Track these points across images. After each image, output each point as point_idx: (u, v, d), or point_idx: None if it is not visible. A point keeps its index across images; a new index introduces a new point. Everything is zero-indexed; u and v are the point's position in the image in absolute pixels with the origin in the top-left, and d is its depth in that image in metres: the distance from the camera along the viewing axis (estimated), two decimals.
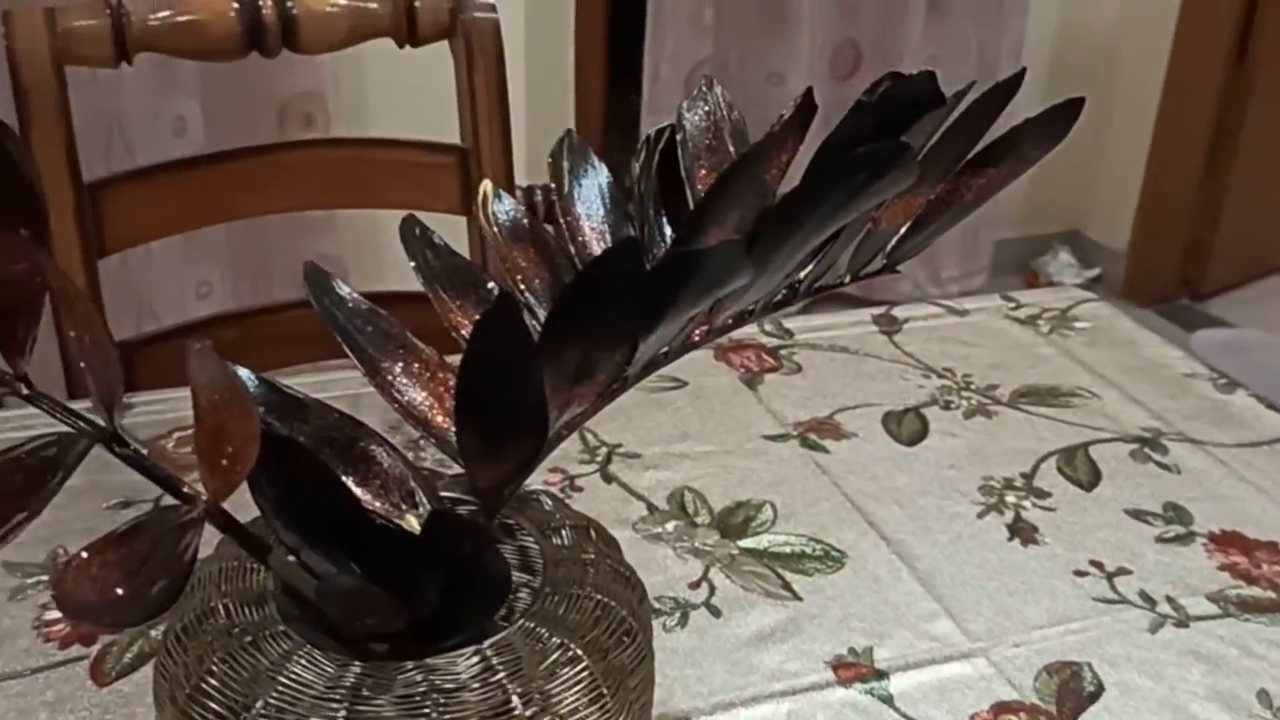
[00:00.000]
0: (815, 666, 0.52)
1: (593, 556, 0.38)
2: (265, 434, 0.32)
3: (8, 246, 0.33)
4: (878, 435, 0.70)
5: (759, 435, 0.70)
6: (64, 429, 0.34)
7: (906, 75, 0.37)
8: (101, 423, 0.34)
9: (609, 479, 0.65)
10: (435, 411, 0.38)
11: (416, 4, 0.76)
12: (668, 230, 0.43)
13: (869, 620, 0.55)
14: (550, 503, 0.41)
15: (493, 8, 0.78)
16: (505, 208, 0.43)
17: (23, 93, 0.69)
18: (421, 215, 0.83)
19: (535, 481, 0.48)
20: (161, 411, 0.70)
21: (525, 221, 0.43)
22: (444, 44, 0.78)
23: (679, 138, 0.44)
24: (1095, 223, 2.47)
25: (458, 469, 0.41)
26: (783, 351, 0.79)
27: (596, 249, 0.42)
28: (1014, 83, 0.38)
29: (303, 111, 1.57)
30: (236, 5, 0.73)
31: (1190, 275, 2.38)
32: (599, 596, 0.36)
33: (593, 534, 0.40)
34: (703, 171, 0.44)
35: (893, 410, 0.73)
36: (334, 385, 0.70)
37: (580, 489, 0.64)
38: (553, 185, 0.81)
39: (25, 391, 0.34)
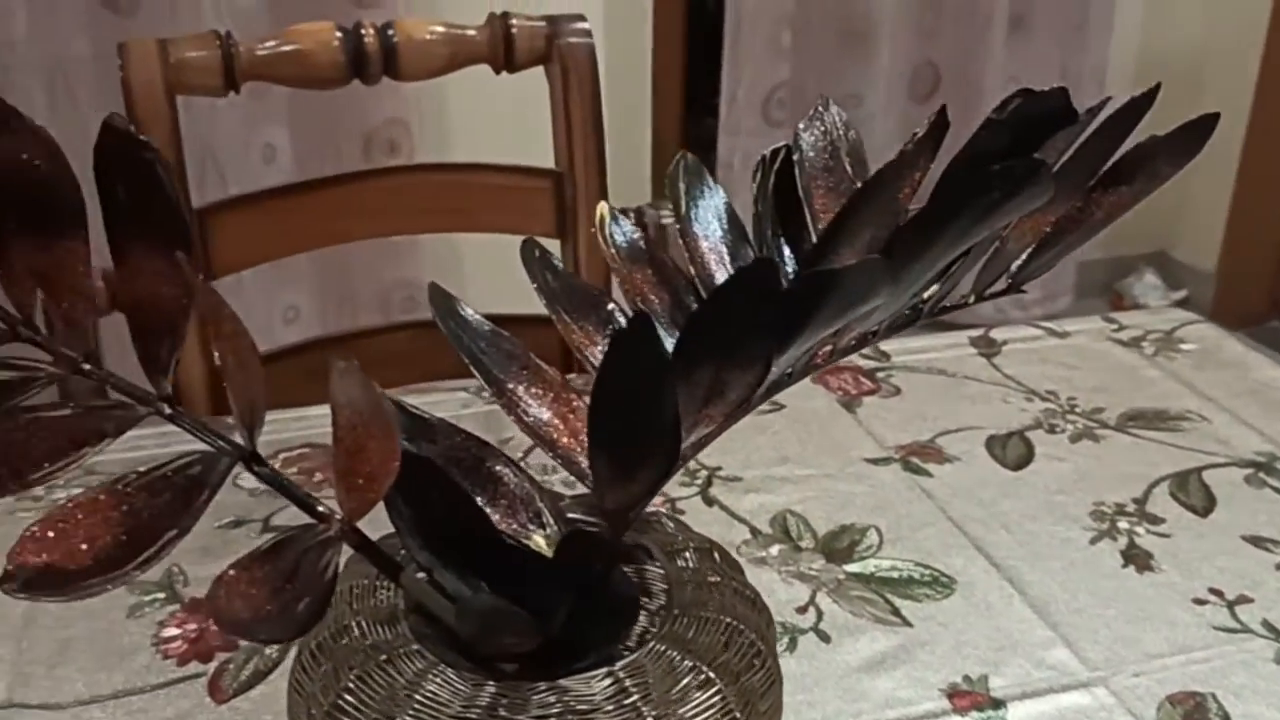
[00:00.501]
0: (929, 694, 0.51)
1: (717, 579, 0.38)
2: (402, 454, 0.32)
3: (159, 268, 0.33)
4: (981, 459, 0.69)
5: (860, 458, 0.69)
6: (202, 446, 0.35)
7: (1038, 92, 0.37)
8: (241, 442, 0.34)
9: (710, 502, 0.65)
10: (560, 431, 0.38)
11: (514, 30, 0.77)
12: (786, 250, 0.43)
13: (982, 648, 0.54)
14: (671, 524, 0.41)
15: (588, 33, 0.78)
16: (623, 229, 0.43)
17: (137, 122, 0.71)
18: (517, 239, 0.84)
19: None
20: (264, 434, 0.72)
21: (642, 243, 0.43)
22: (526, 70, 0.79)
23: (795, 158, 0.44)
24: (1182, 244, 2.42)
25: (581, 490, 0.41)
26: (880, 374, 0.78)
27: (715, 270, 0.42)
28: (1147, 99, 0.38)
29: (388, 139, 1.60)
30: (340, 34, 0.74)
31: None
32: (727, 619, 0.36)
33: (715, 556, 0.40)
34: (820, 191, 0.43)
35: (996, 434, 0.71)
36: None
37: (682, 511, 0.64)
38: (646, 208, 0.81)
39: (168, 411, 0.35)
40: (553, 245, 0.84)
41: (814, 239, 0.42)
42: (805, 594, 0.57)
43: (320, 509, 0.35)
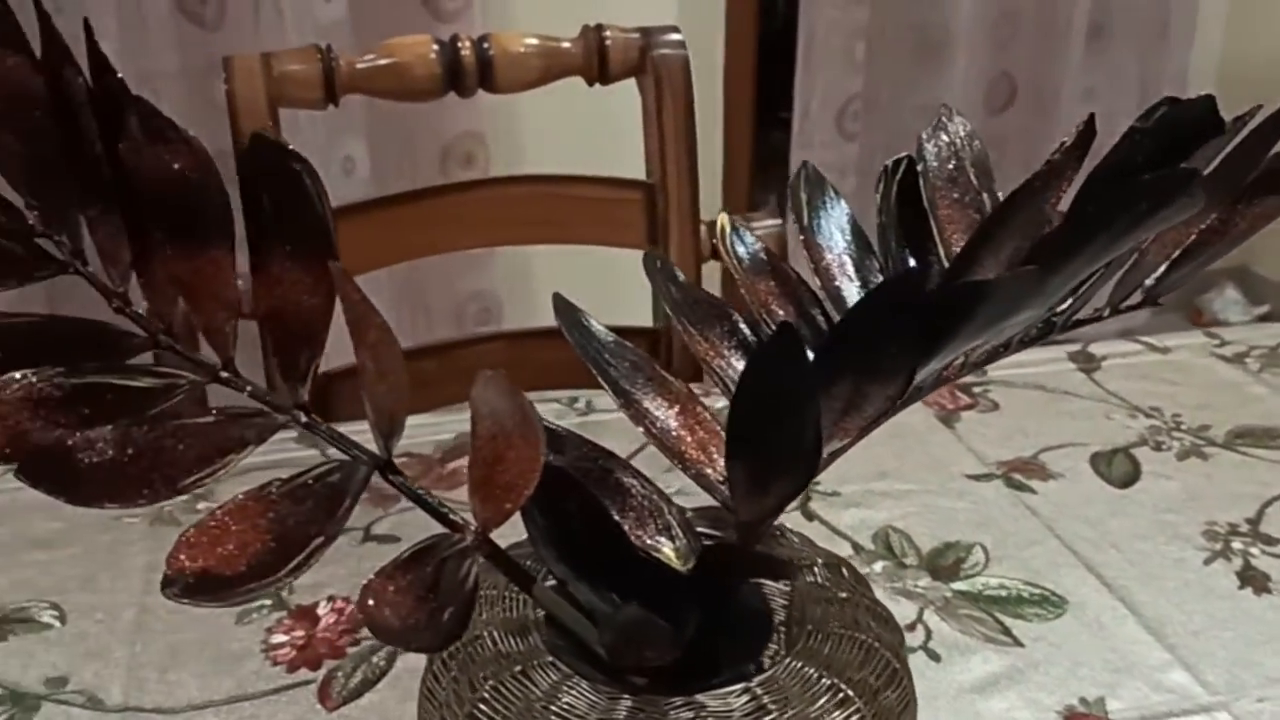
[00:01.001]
0: (1046, 716, 0.50)
1: (847, 595, 0.38)
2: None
3: (300, 277, 0.34)
4: (1086, 476, 0.68)
5: (960, 474, 0.68)
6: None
7: (1184, 100, 0.36)
8: (377, 451, 0.34)
9: (810, 516, 0.64)
10: (687, 443, 0.38)
11: (608, 42, 0.77)
12: (911, 261, 0.42)
13: (1097, 669, 0.53)
14: (797, 539, 0.40)
15: (682, 44, 0.78)
16: (745, 241, 0.43)
17: (240, 135, 0.72)
18: (607, 250, 0.84)
19: None
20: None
21: (764, 255, 0.43)
22: (603, 82, 0.78)
23: (919, 168, 0.43)
24: (1264, 258, 2.37)
25: (701, 502, 0.41)
26: (977, 389, 0.77)
27: (841, 281, 0.42)
28: None
29: (464, 151, 1.61)
30: (436, 48, 0.75)
31: None
32: (862, 636, 0.36)
33: (844, 571, 0.39)
34: (945, 203, 0.43)
35: (1101, 451, 0.70)
36: None
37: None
38: (739, 219, 0.80)
39: (304, 419, 0.35)
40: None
41: (940, 251, 0.42)
42: (912, 611, 0.56)
43: (454, 518, 0.34)
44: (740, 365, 0.39)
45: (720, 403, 0.38)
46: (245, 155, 0.32)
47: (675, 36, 0.79)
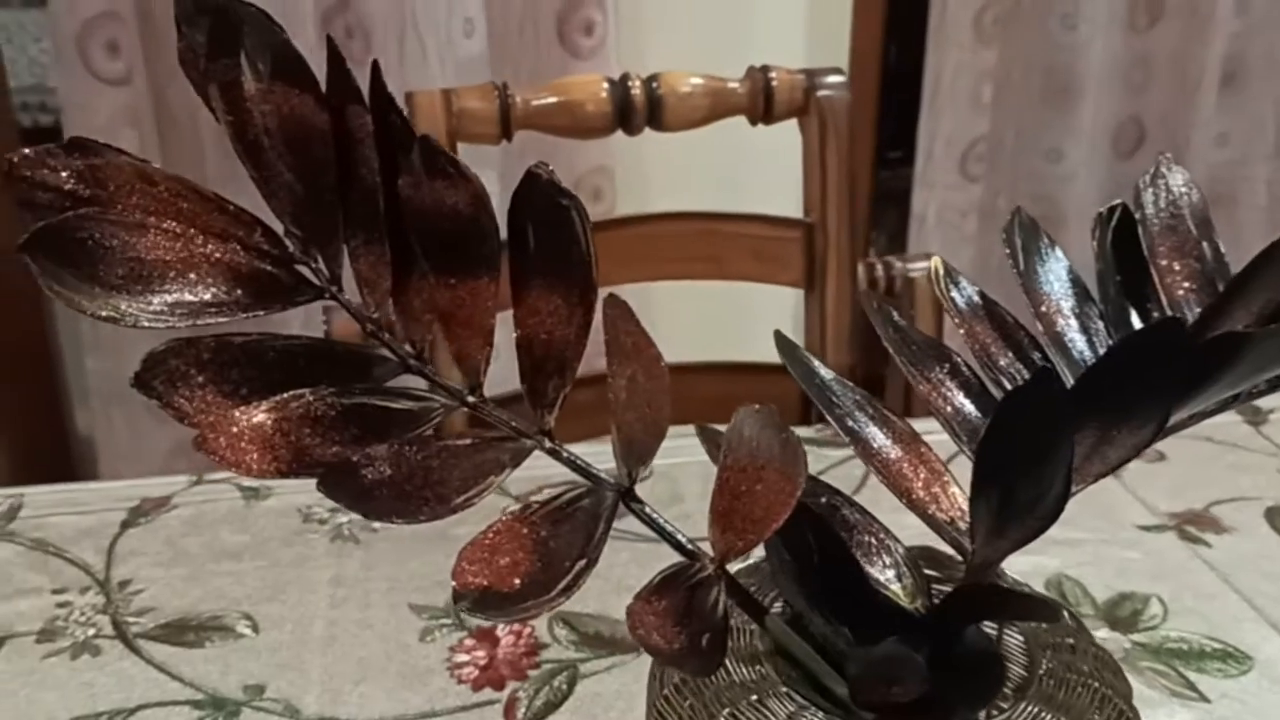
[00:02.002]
0: None
1: (1073, 641, 0.38)
2: None
3: (556, 308, 0.35)
4: (1262, 531, 0.66)
5: (1132, 524, 0.67)
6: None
7: None
8: (621, 480, 0.35)
9: None
10: (914, 482, 0.39)
11: (774, 83, 0.78)
12: (1132, 313, 0.42)
13: None
14: (1010, 579, 0.40)
15: (845, 85, 0.79)
16: (960, 284, 0.43)
17: None
18: (766, 289, 0.84)
19: None
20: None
21: (979, 298, 0.43)
22: (725, 120, 0.79)
23: (1138, 216, 0.43)
24: None
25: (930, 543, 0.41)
26: None
27: (1063, 327, 0.42)
28: None
29: (593, 186, 1.64)
30: (607, 86, 0.77)
31: None
32: (1095, 683, 0.35)
33: (1066, 615, 0.39)
34: (1164, 251, 0.43)
35: (1275, 506, 0.68)
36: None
37: None
38: (895, 259, 0.81)
39: (548, 445, 0.36)
40: (798, 296, 0.85)
41: (1162, 299, 0.42)
42: None
43: (690, 548, 0.35)
44: (967, 405, 0.40)
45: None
46: (518, 189, 0.34)
47: (838, 78, 0.80)
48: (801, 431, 0.79)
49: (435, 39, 1.53)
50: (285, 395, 0.33)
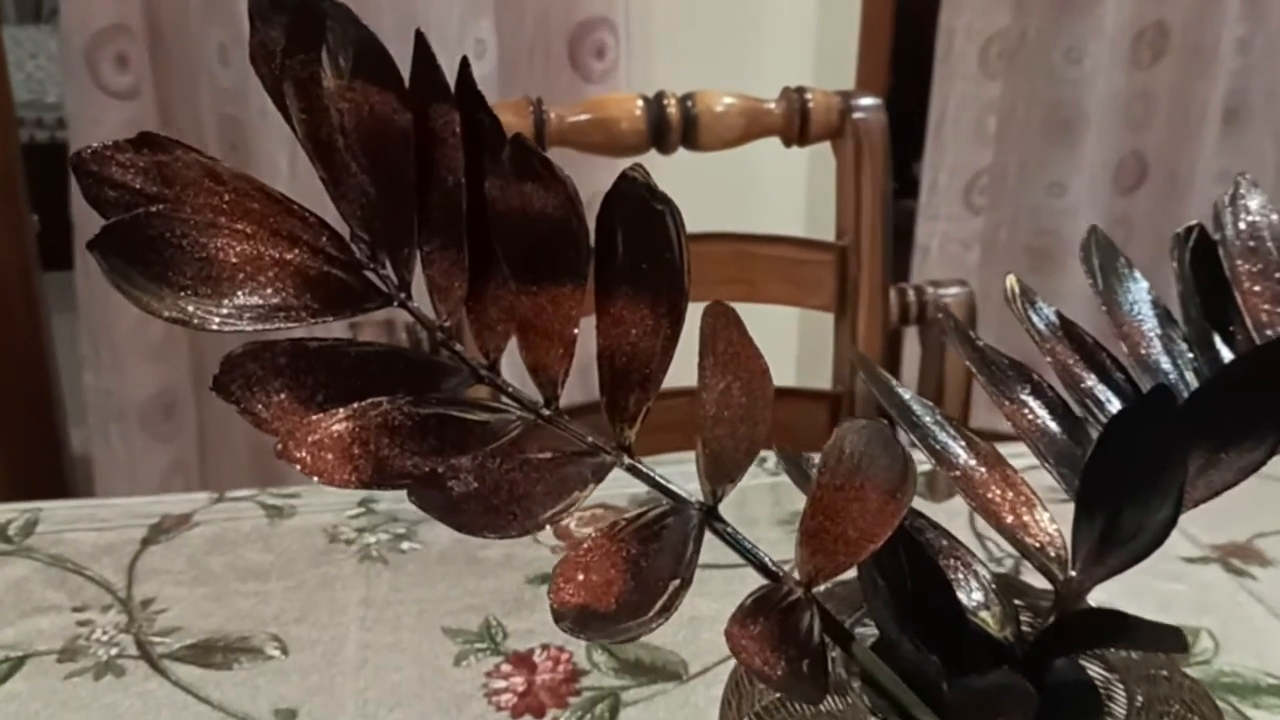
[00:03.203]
0: None
1: (1166, 674, 0.36)
2: None
3: (643, 319, 0.34)
4: None
5: (1175, 556, 0.66)
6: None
7: None
8: (705, 499, 0.34)
9: None
10: (1002, 506, 0.37)
11: (810, 104, 0.78)
12: (1215, 336, 0.41)
13: None
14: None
15: (882, 108, 0.78)
16: (1038, 304, 0.42)
17: None
18: (796, 311, 0.83)
19: None
20: None
21: (1057, 319, 0.42)
22: (748, 145, 0.78)
23: (1217, 237, 0.43)
24: None
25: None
26: None
27: (1148, 350, 0.41)
28: None
29: None
30: (642, 104, 0.76)
31: None
32: (1194, 718, 0.34)
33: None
34: (1246, 274, 0.42)
35: None
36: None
37: None
38: (927, 285, 0.80)
39: (627, 461, 0.35)
40: (810, 318, 0.84)
41: (1247, 321, 0.41)
42: None
43: (775, 569, 0.34)
44: (1053, 426, 0.38)
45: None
46: (610, 193, 0.32)
47: (874, 101, 0.79)
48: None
49: (446, 60, 1.51)
50: (363, 404, 0.32)
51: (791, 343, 1.81)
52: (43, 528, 0.65)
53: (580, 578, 0.29)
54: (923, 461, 0.38)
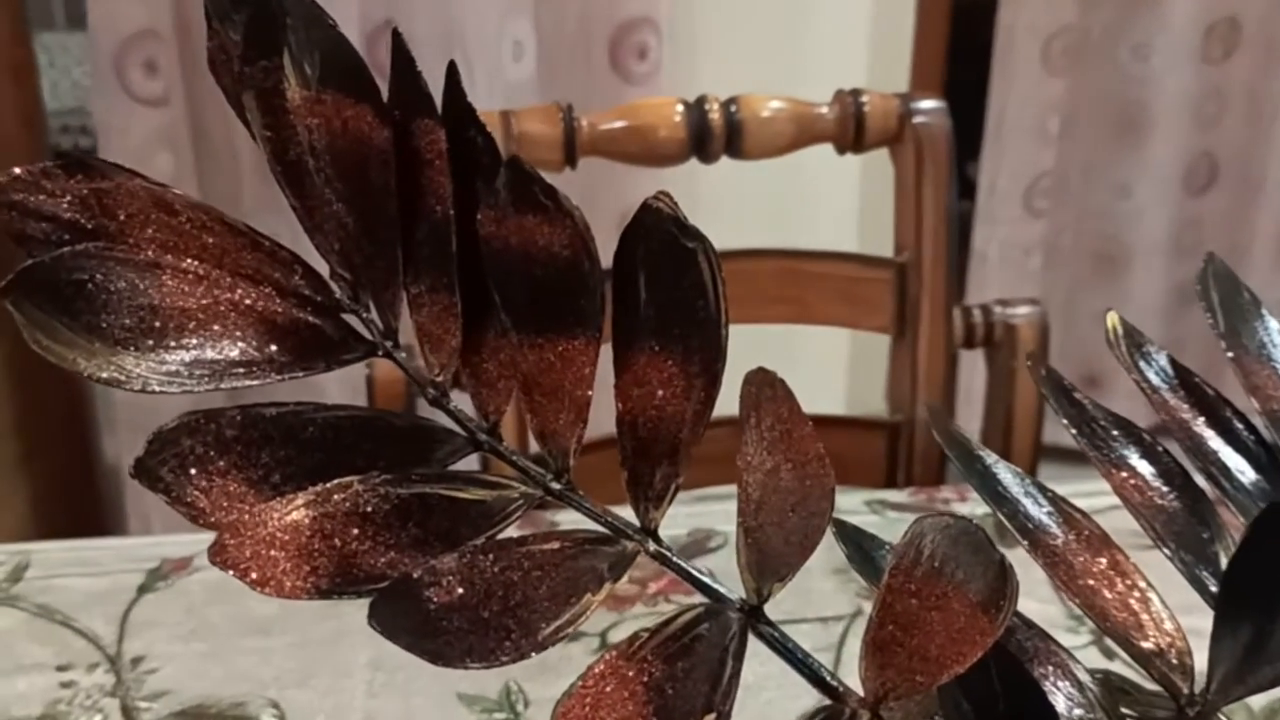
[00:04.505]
0: None
1: None
2: None
3: (670, 378, 0.28)
4: None
5: None
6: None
7: None
8: (748, 597, 0.28)
9: (1110, 655, 0.55)
10: (1109, 601, 0.31)
11: (866, 108, 0.71)
12: None
13: None
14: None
15: (946, 112, 0.72)
16: (1147, 347, 0.35)
17: None
18: (847, 332, 0.76)
19: None
20: None
21: (1171, 368, 0.35)
22: (782, 156, 0.72)
23: None
24: None
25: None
26: None
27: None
28: None
29: None
30: (682, 109, 0.70)
31: None
32: None
33: None
34: None
35: None
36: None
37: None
38: (994, 305, 0.73)
39: (654, 549, 0.29)
40: (880, 341, 0.77)
41: None
42: None
43: (833, 684, 0.28)
44: (1171, 500, 0.32)
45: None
46: (631, 225, 0.26)
47: (936, 104, 0.72)
48: (891, 495, 0.71)
49: (483, 62, 1.47)
50: (328, 485, 0.26)
51: (841, 365, 1.74)
52: (32, 572, 0.60)
53: (588, 717, 0.23)
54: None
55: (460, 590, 0.25)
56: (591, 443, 0.32)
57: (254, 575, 0.24)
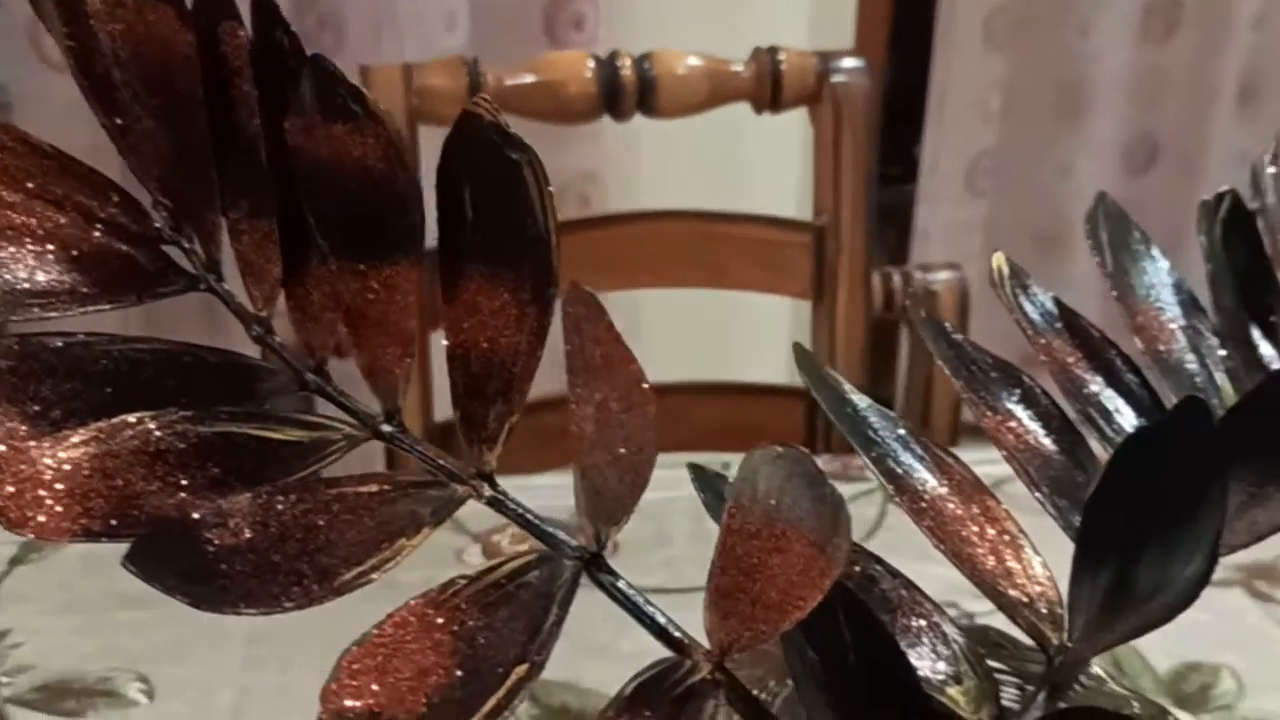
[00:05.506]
0: None
1: None
2: None
3: (503, 307, 0.25)
4: None
5: None
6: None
7: None
8: (586, 543, 0.26)
9: None
10: (978, 548, 0.29)
11: (783, 66, 0.69)
12: (1253, 327, 0.33)
13: None
14: (1103, 674, 0.31)
15: (866, 71, 0.70)
16: (1032, 288, 0.34)
17: None
18: (766, 300, 0.75)
19: None
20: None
21: (1055, 308, 0.34)
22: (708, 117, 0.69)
23: (1255, 205, 0.34)
24: None
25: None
26: None
27: (1168, 345, 0.32)
28: None
29: (580, 192, 1.54)
30: (593, 65, 0.67)
31: None
32: None
33: None
34: None
35: None
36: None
37: None
38: (915, 270, 0.71)
39: (488, 494, 0.27)
40: (800, 309, 0.75)
41: None
42: None
43: (679, 637, 0.26)
44: (1047, 444, 0.30)
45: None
46: (451, 136, 0.24)
47: (857, 63, 0.70)
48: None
49: (415, 31, 1.43)
50: (114, 422, 0.24)
51: (783, 334, 1.72)
52: None
53: (378, 667, 0.21)
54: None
55: (249, 533, 0.22)
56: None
57: (11, 515, 0.21)
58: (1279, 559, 0.59)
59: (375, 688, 0.20)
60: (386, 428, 0.27)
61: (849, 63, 0.70)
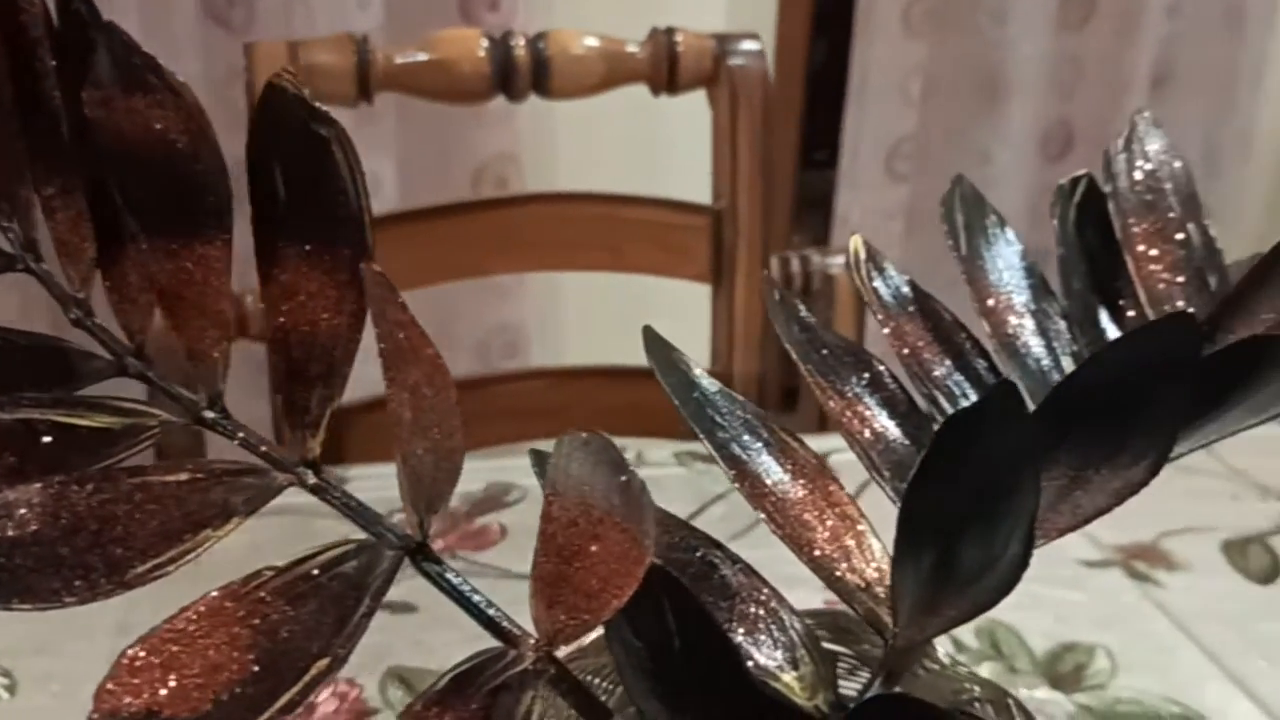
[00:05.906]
0: None
1: None
2: None
3: (321, 287, 0.25)
4: (1220, 568, 0.58)
5: (1074, 559, 0.58)
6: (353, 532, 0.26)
7: None
8: (411, 531, 0.25)
9: None
10: (818, 534, 0.29)
11: (679, 48, 0.69)
12: (1101, 311, 0.33)
13: None
14: (947, 658, 0.31)
15: (762, 54, 0.70)
16: (887, 270, 0.34)
17: None
18: (667, 283, 0.75)
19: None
20: (378, 489, 0.63)
21: (909, 290, 0.34)
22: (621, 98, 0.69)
23: (1108, 189, 0.34)
24: None
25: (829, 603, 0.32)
26: None
27: (1015, 326, 0.32)
28: None
29: (497, 174, 1.53)
30: (486, 44, 0.66)
31: None
32: None
33: (1012, 709, 0.30)
34: (1141, 233, 0.34)
35: (1232, 539, 0.60)
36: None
37: None
38: (813, 253, 0.71)
39: (312, 481, 0.26)
40: (704, 292, 0.75)
41: (1140, 293, 0.33)
42: None
43: (507, 629, 0.25)
44: (891, 428, 0.30)
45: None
46: (258, 109, 0.23)
47: (753, 45, 0.70)
48: (700, 447, 0.69)
49: (327, 12, 1.40)
50: None
51: (704, 317, 1.72)
52: None
53: (162, 665, 0.20)
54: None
55: (35, 525, 0.21)
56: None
57: None
58: (1159, 539, 0.60)
59: (157, 685, 0.20)
60: (208, 413, 0.26)
61: (746, 45, 0.70)
